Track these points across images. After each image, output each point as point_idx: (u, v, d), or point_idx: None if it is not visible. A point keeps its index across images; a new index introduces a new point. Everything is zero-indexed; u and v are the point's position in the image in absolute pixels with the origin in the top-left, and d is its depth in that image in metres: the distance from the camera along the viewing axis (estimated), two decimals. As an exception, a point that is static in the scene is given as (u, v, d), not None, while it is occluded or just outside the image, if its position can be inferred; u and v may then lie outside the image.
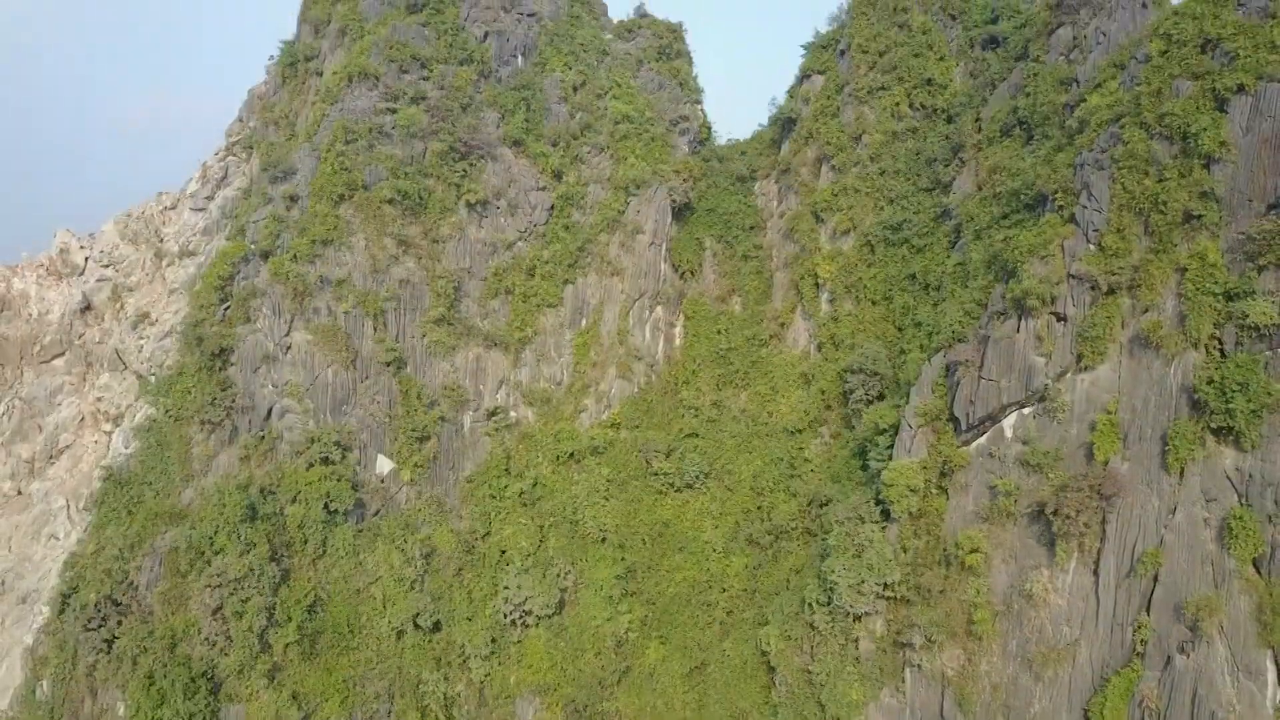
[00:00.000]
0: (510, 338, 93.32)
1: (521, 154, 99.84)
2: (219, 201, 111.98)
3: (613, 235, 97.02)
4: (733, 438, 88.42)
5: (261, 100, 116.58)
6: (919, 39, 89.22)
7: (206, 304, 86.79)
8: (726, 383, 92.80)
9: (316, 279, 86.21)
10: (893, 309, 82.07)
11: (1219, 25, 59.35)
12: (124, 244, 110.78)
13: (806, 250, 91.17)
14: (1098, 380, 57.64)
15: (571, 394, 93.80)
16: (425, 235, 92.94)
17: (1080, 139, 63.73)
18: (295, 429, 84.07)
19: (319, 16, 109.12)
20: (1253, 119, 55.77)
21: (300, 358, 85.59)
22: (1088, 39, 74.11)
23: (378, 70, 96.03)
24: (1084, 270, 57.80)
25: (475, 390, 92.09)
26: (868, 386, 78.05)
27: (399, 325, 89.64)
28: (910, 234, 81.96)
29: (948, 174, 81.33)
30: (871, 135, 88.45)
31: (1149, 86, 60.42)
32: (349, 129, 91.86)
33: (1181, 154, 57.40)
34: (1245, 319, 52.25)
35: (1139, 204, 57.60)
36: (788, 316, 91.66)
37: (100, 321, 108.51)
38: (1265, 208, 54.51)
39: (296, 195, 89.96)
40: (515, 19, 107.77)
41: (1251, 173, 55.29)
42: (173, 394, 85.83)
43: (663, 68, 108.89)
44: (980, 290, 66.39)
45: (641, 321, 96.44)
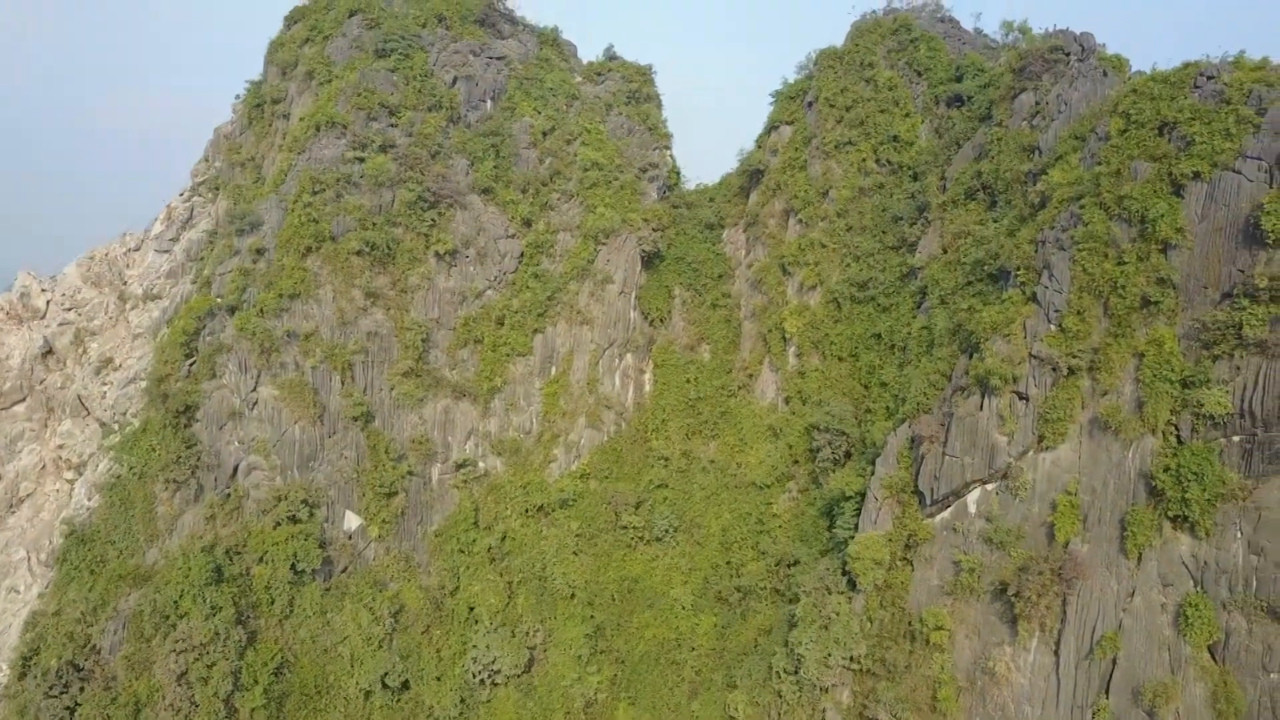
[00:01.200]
0: (479, 388, 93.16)
1: (491, 201, 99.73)
2: (183, 244, 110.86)
3: (582, 284, 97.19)
4: (702, 489, 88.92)
5: (227, 140, 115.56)
6: (885, 94, 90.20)
7: (171, 359, 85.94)
8: (695, 432, 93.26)
9: (283, 333, 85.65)
10: (859, 367, 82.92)
11: (1175, 109, 60.70)
12: (86, 287, 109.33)
13: (774, 303, 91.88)
14: (1059, 460, 58.65)
15: (541, 444, 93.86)
16: (394, 285, 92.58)
17: (1042, 215, 64.84)
18: (262, 486, 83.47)
19: (286, 59, 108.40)
20: (1208, 206, 57.07)
21: (267, 413, 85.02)
22: (1050, 105, 75.31)
23: (345, 118, 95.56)
24: (1045, 351, 58.79)
25: (444, 442, 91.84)
26: (834, 446, 78.80)
27: (367, 378, 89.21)
28: (876, 292, 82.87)
29: (913, 233, 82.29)
30: (838, 190, 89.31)
31: (1108, 167, 61.63)
32: (316, 179, 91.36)
33: (1140, 237, 58.56)
34: (1201, 407, 53.40)
35: (1098, 286, 58.69)
36: (756, 367, 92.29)
37: (62, 366, 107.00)
38: (1220, 295, 55.77)
39: (263, 248, 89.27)
40: (485, 63, 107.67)
41: (1207, 259, 56.56)
42: (136, 451, 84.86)
43: (632, 112, 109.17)
44: (944, 361, 67.29)
45: (611, 370, 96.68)
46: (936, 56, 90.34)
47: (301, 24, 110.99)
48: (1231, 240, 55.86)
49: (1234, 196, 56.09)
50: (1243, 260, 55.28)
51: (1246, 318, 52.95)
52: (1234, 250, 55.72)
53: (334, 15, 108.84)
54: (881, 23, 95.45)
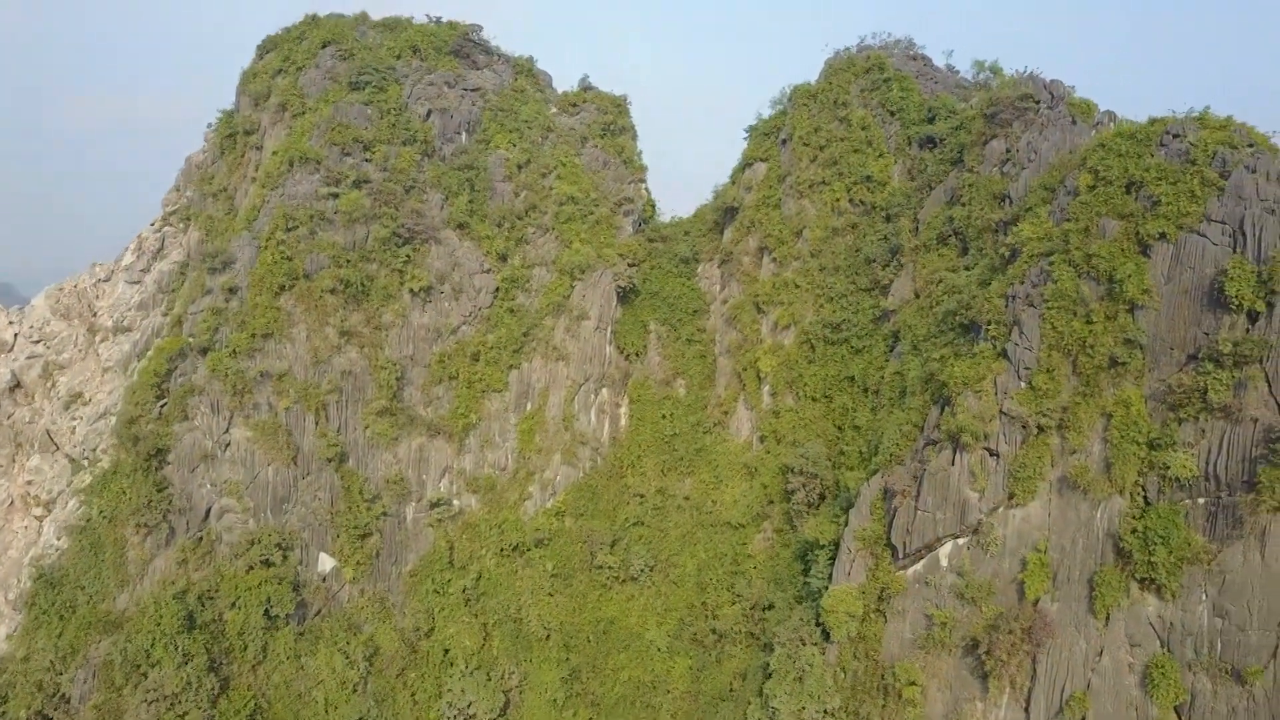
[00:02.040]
0: (454, 425, 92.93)
1: (466, 236, 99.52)
2: (154, 275, 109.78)
3: (558, 319, 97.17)
4: (677, 527, 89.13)
5: (199, 169, 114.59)
6: (858, 134, 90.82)
7: (142, 401, 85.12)
8: (671, 469, 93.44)
9: (256, 374, 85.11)
10: (833, 408, 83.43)
11: (1141, 167, 61.66)
12: (55, 319, 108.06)
13: (749, 340, 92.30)
14: (1029, 517, 59.40)
15: (516, 481, 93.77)
16: (368, 323, 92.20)
17: (1012, 269, 65.59)
18: (235, 529, 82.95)
19: (258, 90, 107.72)
20: (1174, 267, 58.05)
21: (240, 455, 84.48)
22: (1020, 153, 76.23)
23: (319, 154, 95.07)
24: (1015, 409, 59.51)
25: (418, 480, 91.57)
26: (808, 489, 79.26)
27: (341, 417, 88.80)
28: (849, 334, 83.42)
29: (886, 275, 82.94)
30: (812, 230, 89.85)
31: (1077, 223, 62.48)
32: (290, 216, 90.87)
33: (1108, 296, 59.43)
34: (1167, 470, 54.28)
35: (1067, 344, 59.51)
36: (731, 404, 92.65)
37: (30, 401, 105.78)
38: (1185, 358, 56.74)
39: (236, 286, 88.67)
40: (459, 95, 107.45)
41: (1173, 321, 57.52)
42: (106, 494, 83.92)
43: (607, 144, 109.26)
44: (916, 411, 67.90)
45: (587, 405, 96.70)
46: (909, 97, 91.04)
47: (274, 54, 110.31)
48: (1197, 303, 56.85)
49: (1199, 259, 57.10)
50: (1207, 323, 56.29)
51: (1211, 382, 53.88)
52: (1199, 313, 56.72)
53: (307, 46, 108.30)
54: (855, 61, 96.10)
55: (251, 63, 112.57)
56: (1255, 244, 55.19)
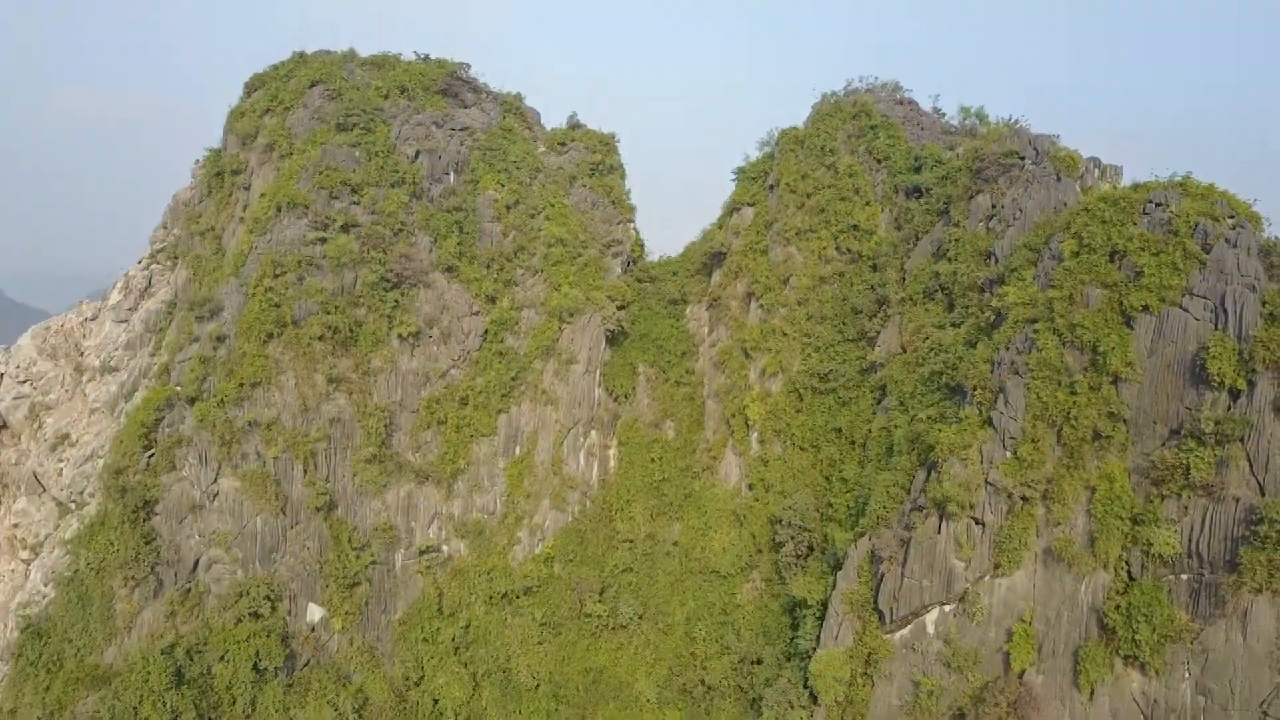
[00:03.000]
0: (443, 471, 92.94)
1: (454, 279, 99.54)
2: (142, 314, 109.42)
3: (546, 363, 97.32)
4: (666, 575, 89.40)
5: (186, 207, 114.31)
6: (845, 182, 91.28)
7: (130, 452, 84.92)
8: (660, 514, 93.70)
9: (245, 423, 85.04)
10: (820, 459, 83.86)
11: (1125, 236, 62.27)
12: (42, 359, 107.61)
13: (737, 386, 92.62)
14: (1014, 587, 59.92)
15: (505, 525, 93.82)
16: (356, 369, 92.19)
17: (998, 334, 66.12)
18: (223, 581, 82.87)
19: (246, 129, 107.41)
20: (1156, 341, 58.65)
21: (228, 505, 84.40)
22: (1005, 209, 76.83)
23: (307, 198, 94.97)
24: (1000, 479, 60.00)
25: (407, 527, 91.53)
26: (796, 541, 79.73)
27: (330, 465, 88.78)
28: (837, 385, 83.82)
29: (873, 326, 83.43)
30: (799, 278, 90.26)
31: (1061, 291, 63.03)
32: (277, 262, 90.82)
33: (1092, 367, 59.98)
34: (1150, 546, 54.84)
35: (1052, 415, 60.03)
36: (720, 450, 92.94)
37: (17, 442, 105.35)
38: (1168, 432, 57.33)
39: (224, 334, 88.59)
40: (447, 134, 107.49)
41: (1156, 395, 58.10)
42: (94, 546, 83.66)
43: (595, 184, 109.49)
44: (903, 473, 68.37)
45: (575, 449, 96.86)
46: (895, 145, 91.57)
47: (262, 92, 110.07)
48: (1180, 377, 57.46)
49: (1181, 334, 57.73)
50: (1190, 398, 56.89)
51: (1193, 460, 54.48)
52: (1182, 387, 57.33)
53: (294, 85, 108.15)
54: (842, 106, 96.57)
55: (239, 100, 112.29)
56: (1236, 321, 55.84)
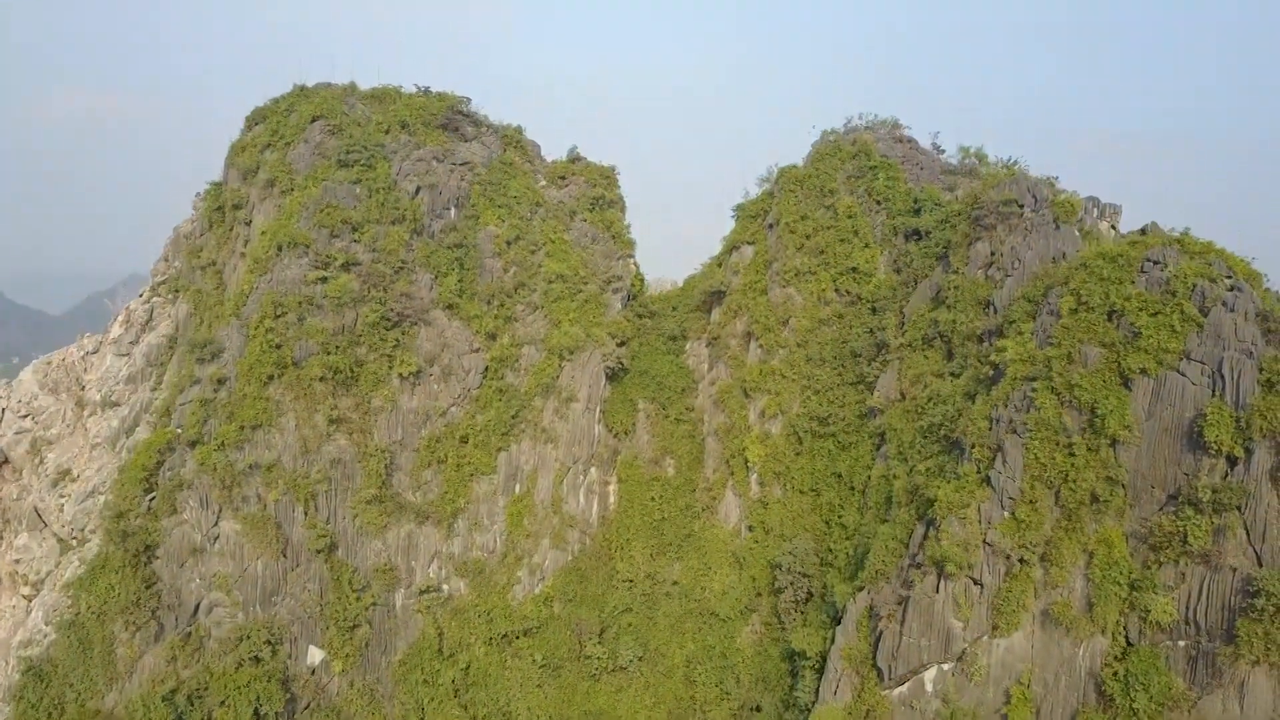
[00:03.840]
0: (443, 510, 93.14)
1: (455, 315, 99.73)
2: (143, 348, 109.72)
3: (546, 400, 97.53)
4: (666, 616, 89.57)
5: (187, 240, 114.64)
6: (845, 223, 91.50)
7: (131, 495, 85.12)
8: (660, 553, 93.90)
9: (245, 466, 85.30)
10: (820, 503, 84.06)
11: (1123, 295, 62.44)
12: (43, 393, 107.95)
13: (736, 426, 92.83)
14: (1012, 648, 60.08)
15: (505, 565, 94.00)
16: (357, 408, 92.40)
17: (996, 390, 66.25)
18: (224, 624, 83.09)
19: (247, 164, 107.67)
20: (1154, 404, 58.80)
21: (229, 549, 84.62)
22: (1004, 258, 77.03)
23: (307, 237, 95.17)
24: (998, 540, 60.16)
25: (407, 567, 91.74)
26: (796, 587, 79.93)
27: (330, 506, 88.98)
28: (836, 429, 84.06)
29: (871, 371, 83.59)
30: (798, 320, 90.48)
31: (1059, 349, 63.19)
32: (278, 302, 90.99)
33: (1090, 428, 60.14)
34: (1148, 614, 55.01)
35: (1050, 476, 60.18)
36: (720, 490, 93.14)
37: (18, 477, 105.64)
38: (1166, 497, 57.50)
39: (224, 377, 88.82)
40: (448, 169, 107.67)
41: (1154, 458, 58.27)
42: (95, 590, 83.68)
43: (595, 219, 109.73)
44: (903, 526, 68.55)
45: (575, 487, 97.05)
46: (894, 186, 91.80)
47: (263, 126, 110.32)
48: (1178, 441, 57.64)
49: (1179, 398, 57.90)
50: (1187, 464, 57.08)
51: (1190, 527, 54.67)
52: (1179, 452, 57.51)
53: (296, 119, 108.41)
54: (841, 146, 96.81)
55: (240, 134, 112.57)
56: (1234, 388, 56.00)
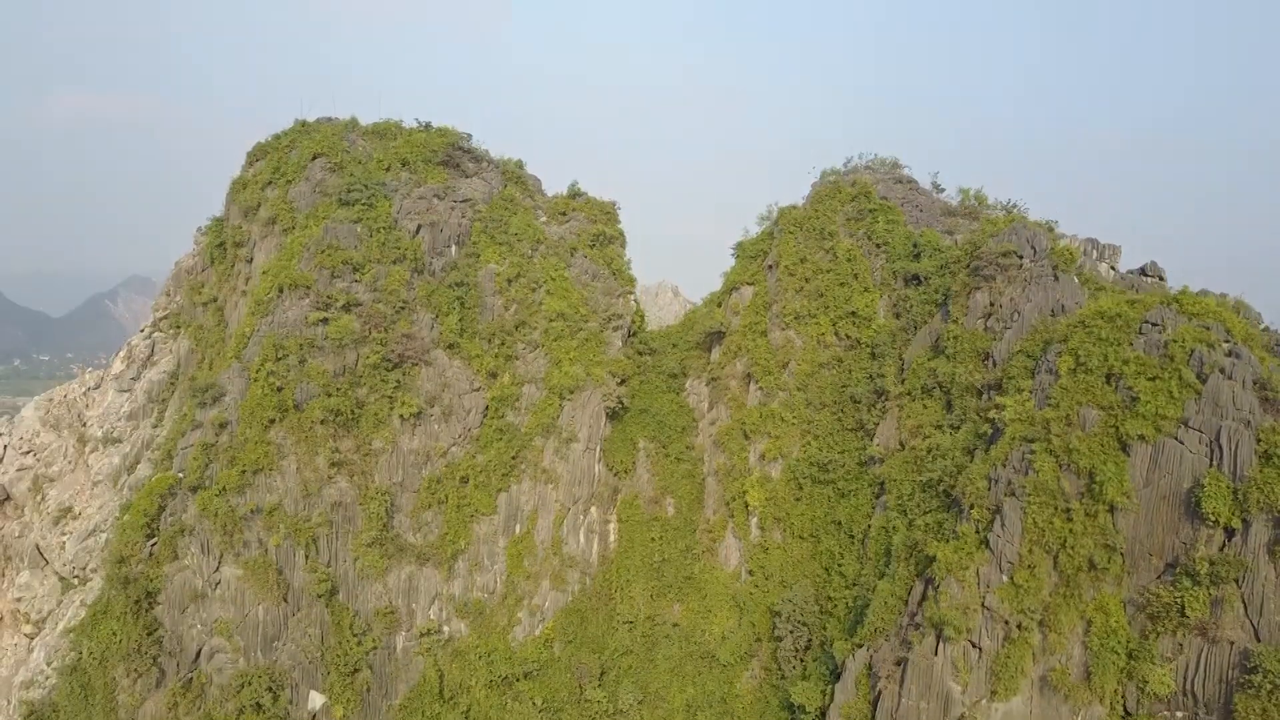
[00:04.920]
0: (443, 552, 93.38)
1: (455, 355, 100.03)
2: (144, 384, 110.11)
3: (547, 440, 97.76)
4: (666, 659, 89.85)
5: (189, 275, 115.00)
6: (844, 267, 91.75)
7: (132, 541, 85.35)
8: (660, 595, 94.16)
9: (247, 511, 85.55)
10: (820, 550, 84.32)
11: (1121, 358, 62.65)
12: (45, 430, 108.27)
13: (736, 468, 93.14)
14: (1011, 713, 60.25)
15: (505, 606, 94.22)
16: (357, 449, 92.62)
17: (995, 450, 66.50)
18: (225, 670, 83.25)
19: (248, 201, 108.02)
20: (1152, 470, 59.02)
21: (230, 594, 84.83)
22: (1003, 309, 77.28)
23: (308, 279, 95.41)
24: (996, 605, 60.39)
25: (408, 609, 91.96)
26: (796, 636, 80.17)
27: (331, 550, 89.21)
28: (836, 476, 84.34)
29: (871, 419, 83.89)
30: (798, 364, 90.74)
31: (1058, 410, 63.44)
32: (279, 345, 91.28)
33: (1088, 493, 60.36)
34: (1145, 684, 55.23)
35: (1048, 541, 60.42)
36: (720, 532, 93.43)
37: (20, 514, 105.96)
38: (1164, 565, 57.71)
39: (226, 421, 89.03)
40: (449, 207, 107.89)
41: (1152, 526, 58.49)
42: (97, 636, 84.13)
43: (596, 255, 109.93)
44: (901, 583, 68.83)
45: (575, 527, 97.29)
46: (894, 230, 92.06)
47: (264, 163, 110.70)
48: (1175, 510, 57.88)
49: (1176, 466, 58.12)
50: (1185, 533, 57.31)
51: (1188, 598, 54.89)
52: (1178, 521, 57.75)
53: (297, 156, 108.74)
54: (841, 188, 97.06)
55: (241, 170, 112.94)
56: (1231, 458, 56.23)
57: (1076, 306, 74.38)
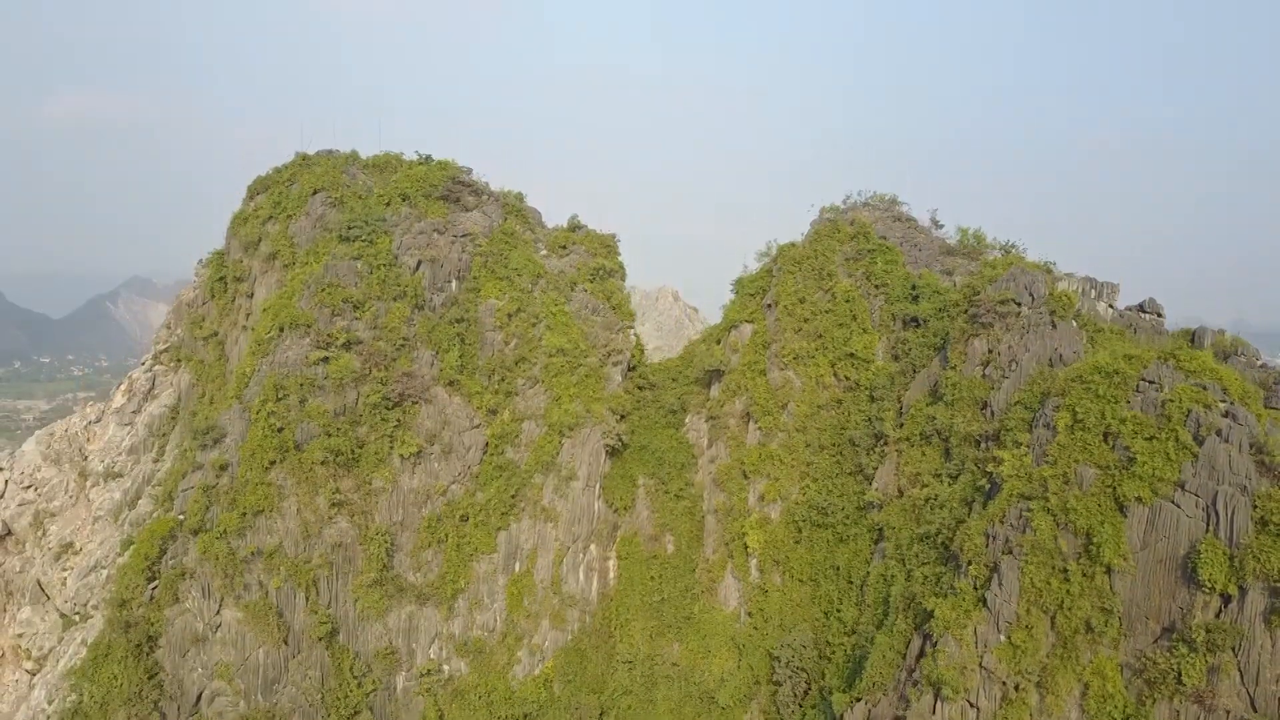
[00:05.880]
0: (444, 591, 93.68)
1: (455, 392, 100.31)
2: (145, 418, 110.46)
3: (546, 478, 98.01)
4: (665, 700, 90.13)
5: (190, 308, 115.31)
6: (843, 307, 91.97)
7: (134, 584, 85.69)
8: (659, 634, 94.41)
9: (248, 554, 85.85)
10: (819, 595, 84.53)
11: (1118, 417, 62.76)
12: (46, 465, 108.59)
13: (736, 508, 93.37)
14: (1009, 774, 60.44)
15: (505, 644, 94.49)
16: (357, 489, 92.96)
17: (992, 505, 66.67)
18: (226, 714, 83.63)
19: (249, 236, 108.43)
20: (1149, 533, 59.15)
21: (231, 637, 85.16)
22: (1001, 356, 77.45)
23: (309, 317, 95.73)
24: (994, 665, 60.56)
25: (408, 649, 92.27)
26: (795, 681, 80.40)
27: (331, 591, 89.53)
28: (835, 520, 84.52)
29: (870, 463, 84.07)
30: (797, 405, 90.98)
31: (1055, 468, 63.59)
32: (280, 385, 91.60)
33: (1085, 553, 60.52)
34: (1142, 753, 55.41)
35: (1046, 602, 60.58)
36: (719, 572, 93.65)
37: (21, 549, 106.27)
38: (1160, 629, 57.86)
39: (227, 463, 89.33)
40: (449, 241, 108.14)
41: (1149, 589, 58.61)
42: (98, 680, 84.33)
43: (596, 289, 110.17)
44: (900, 637, 69.01)
45: (575, 565, 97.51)
46: (893, 271, 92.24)
47: (264, 197, 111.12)
48: (1172, 574, 57.96)
49: (1173, 530, 58.24)
50: (1182, 598, 57.42)
51: (1184, 665, 55.00)
52: (1174, 585, 57.84)
53: (298, 190, 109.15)
54: (840, 228, 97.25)
55: (242, 204, 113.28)
56: (1228, 524, 56.35)
57: (1074, 355, 74.62)
